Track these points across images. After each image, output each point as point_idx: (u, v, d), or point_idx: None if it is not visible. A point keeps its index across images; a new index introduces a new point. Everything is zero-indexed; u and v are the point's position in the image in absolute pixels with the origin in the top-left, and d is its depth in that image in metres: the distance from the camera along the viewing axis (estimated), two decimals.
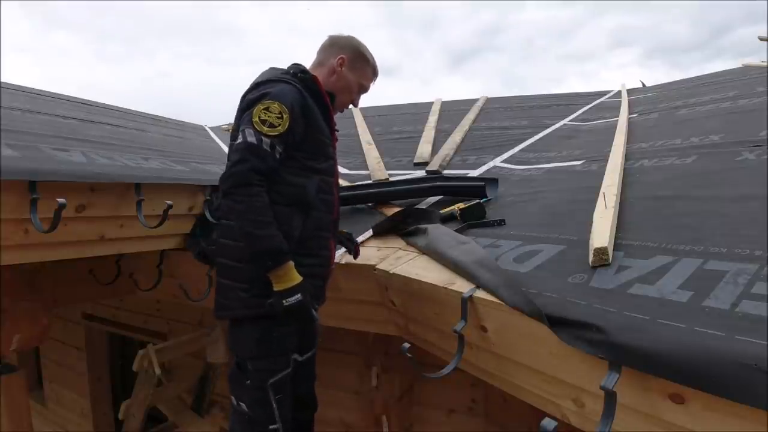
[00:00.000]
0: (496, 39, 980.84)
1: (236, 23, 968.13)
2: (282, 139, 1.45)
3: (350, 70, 1.68)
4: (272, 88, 1.49)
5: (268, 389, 1.48)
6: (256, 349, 1.51)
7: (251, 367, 1.51)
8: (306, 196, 1.54)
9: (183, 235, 2.34)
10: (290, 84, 1.52)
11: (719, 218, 1.45)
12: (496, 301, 1.23)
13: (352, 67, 1.68)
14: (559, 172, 2.66)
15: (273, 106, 1.44)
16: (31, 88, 3.82)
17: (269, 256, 1.41)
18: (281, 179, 1.49)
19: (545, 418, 0.92)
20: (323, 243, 1.64)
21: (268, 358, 1.50)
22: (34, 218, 1.59)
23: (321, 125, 1.60)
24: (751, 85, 3.76)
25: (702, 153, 2.29)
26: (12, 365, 2.34)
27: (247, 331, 1.52)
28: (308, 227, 1.55)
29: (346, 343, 2.74)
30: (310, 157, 1.57)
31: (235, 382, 1.58)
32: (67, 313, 4.28)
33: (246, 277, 1.49)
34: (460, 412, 2.72)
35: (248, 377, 1.51)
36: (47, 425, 4.75)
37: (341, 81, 1.68)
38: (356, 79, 1.71)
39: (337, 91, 1.68)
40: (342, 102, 1.74)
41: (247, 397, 1.52)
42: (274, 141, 1.43)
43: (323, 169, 1.62)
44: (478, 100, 5.53)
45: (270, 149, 1.43)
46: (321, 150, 1.61)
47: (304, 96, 1.53)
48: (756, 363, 0.74)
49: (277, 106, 1.44)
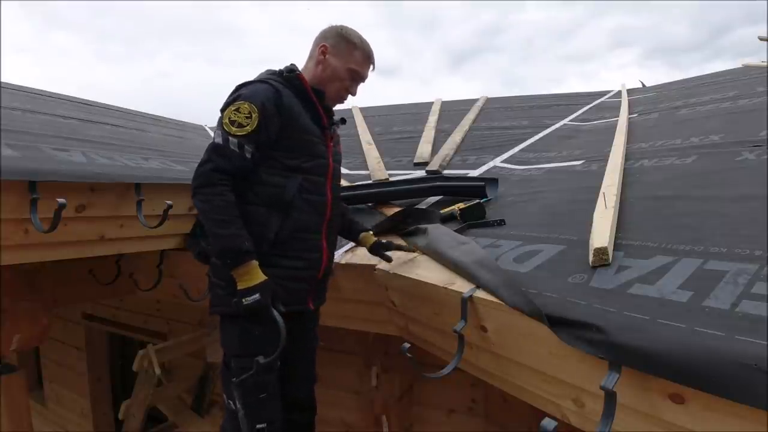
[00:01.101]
0: (496, 39, 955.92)
1: (237, 23, 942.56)
2: (251, 139, 1.45)
3: (334, 56, 1.62)
4: (245, 89, 1.50)
5: (251, 388, 1.48)
6: (238, 347, 1.53)
7: (234, 365, 1.52)
8: (284, 195, 1.52)
9: (183, 235, 2.34)
10: (266, 83, 1.52)
11: (719, 218, 1.45)
12: (496, 301, 1.23)
13: (336, 53, 1.62)
14: (559, 172, 2.66)
15: (243, 106, 1.45)
16: (31, 88, 3.83)
17: (229, 254, 1.41)
18: (258, 179, 1.50)
19: (545, 418, 0.92)
20: (309, 245, 1.60)
21: (248, 357, 1.47)
22: (34, 218, 1.59)
23: (304, 123, 1.56)
24: (751, 85, 3.76)
25: (702, 153, 2.29)
26: (12, 365, 2.34)
27: (230, 328, 1.54)
28: (286, 228, 1.52)
29: (346, 343, 2.75)
30: (291, 156, 1.54)
31: (223, 381, 1.59)
32: (67, 313, 4.29)
33: (224, 276, 1.49)
34: (460, 412, 2.72)
35: (233, 375, 1.50)
36: (47, 425, 4.75)
37: (327, 70, 1.62)
38: (343, 65, 1.63)
39: (325, 82, 1.63)
40: (334, 91, 1.66)
41: (234, 396, 1.52)
42: (242, 141, 1.44)
43: (308, 169, 1.57)
44: (478, 100, 5.53)
45: (238, 149, 1.44)
46: (305, 149, 1.57)
47: (279, 94, 1.51)
48: (756, 363, 0.74)
49: (246, 106, 1.45)
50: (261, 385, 1.50)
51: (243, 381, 1.46)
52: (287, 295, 1.53)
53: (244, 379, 1.46)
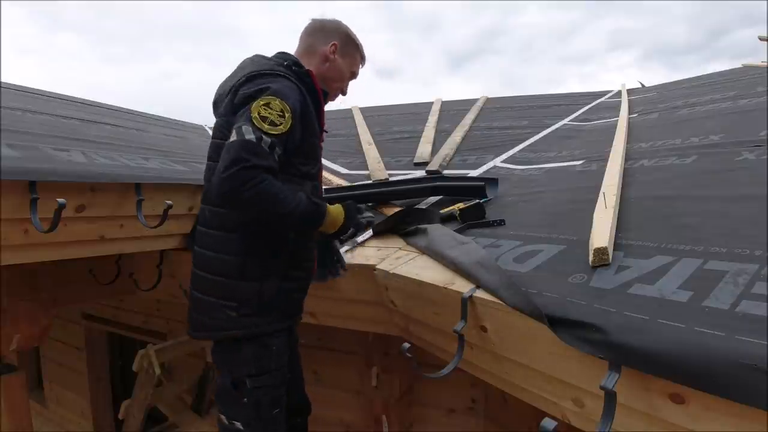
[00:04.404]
0: (495, 41, 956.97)
1: (240, 25, 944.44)
2: (281, 140, 1.30)
3: (342, 56, 1.57)
4: (272, 83, 1.34)
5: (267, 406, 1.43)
6: (255, 367, 1.42)
7: (250, 385, 1.42)
8: None
9: (183, 235, 2.34)
10: (290, 80, 1.40)
11: (719, 218, 1.45)
12: (496, 301, 1.23)
13: (343, 53, 1.57)
14: (559, 172, 2.65)
15: (274, 102, 1.30)
16: (31, 88, 3.83)
17: (311, 221, 1.36)
18: None
19: (545, 418, 0.92)
20: (310, 254, 1.56)
21: (269, 374, 1.44)
22: (33, 218, 1.59)
23: (314, 127, 1.48)
24: (751, 85, 3.76)
25: (702, 153, 2.29)
26: (12, 365, 2.34)
27: (244, 349, 1.42)
28: (301, 238, 1.46)
29: (346, 343, 2.75)
30: (305, 162, 1.46)
31: (227, 402, 1.47)
32: (67, 313, 4.28)
33: (233, 296, 1.39)
34: (460, 412, 2.72)
35: (245, 395, 1.42)
36: (47, 425, 4.75)
37: (334, 69, 1.56)
38: (348, 67, 1.61)
39: (329, 80, 1.58)
40: (334, 90, 1.63)
41: (243, 416, 1.43)
42: (274, 141, 1.28)
43: (314, 174, 1.53)
44: (477, 100, 5.52)
45: (269, 149, 1.27)
46: (313, 153, 1.51)
47: (304, 96, 1.41)
48: (756, 363, 0.74)
49: (278, 104, 1.30)
50: (276, 399, 1.46)
51: (259, 399, 1.42)
52: (296, 308, 1.51)
53: (259, 398, 1.41)
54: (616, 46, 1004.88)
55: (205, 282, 1.44)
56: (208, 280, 1.43)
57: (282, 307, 1.47)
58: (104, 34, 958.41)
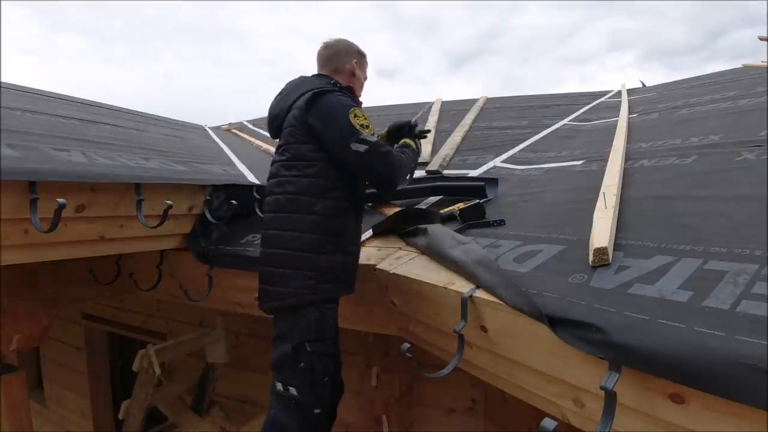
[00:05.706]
0: (495, 42, 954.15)
1: (240, 26, 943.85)
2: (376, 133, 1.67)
3: (361, 70, 1.91)
4: (345, 99, 1.66)
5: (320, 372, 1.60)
6: (314, 332, 1.60)
7: (310, 349, 1.58)
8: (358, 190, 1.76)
9: (183, 235, 2.34)
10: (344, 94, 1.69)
11: (719, 218, 1.45)
12: (496, 301, 1.23)
13: (361, 67, 1.90)
14: (559, 172, 2.65)
15: (358, 111, 1.62)
16: (31, 88, 3.82)
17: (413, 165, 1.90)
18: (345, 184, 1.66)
19: (545, 418, 0.92)
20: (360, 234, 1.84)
21: (324, 341, 1.61)
22: (33, 218, 1.59)
23: None
24: (751, 85, 3.76)
25: (702, 153, 2.29)
26: (12, 365, 2.34)
27: (308, 314, 1.61)
28: (359, 222, 1.79)
29: (346, 343, 2.72)
30: None
31: (284, 367, 1.62)
32: (67, 313, 4.29)
33: (315, 266, 1.60)
34: (460, 412, 2.72)
35: (302, 360, 1.57)
36: (47, 425, 4.75)
37: (359, 81, 1.90)
38: (365, 76, 1.95)
39: (356, 90, 1.88)
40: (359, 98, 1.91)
41: (298, 381, 1.58)
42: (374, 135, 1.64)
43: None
44: (477, 100, 5.52)
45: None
46: None
47: None
48: (756, 363, 0.74)
49: (360, 112, 1.63)
50: (327, 367, 1.63)
51: (313, 364, 1.58)
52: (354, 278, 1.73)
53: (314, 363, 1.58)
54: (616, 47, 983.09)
55: (282, 257, 1.64)
56: (284, 255, 1.64)
57: (345, 278, 1.71)
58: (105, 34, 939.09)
